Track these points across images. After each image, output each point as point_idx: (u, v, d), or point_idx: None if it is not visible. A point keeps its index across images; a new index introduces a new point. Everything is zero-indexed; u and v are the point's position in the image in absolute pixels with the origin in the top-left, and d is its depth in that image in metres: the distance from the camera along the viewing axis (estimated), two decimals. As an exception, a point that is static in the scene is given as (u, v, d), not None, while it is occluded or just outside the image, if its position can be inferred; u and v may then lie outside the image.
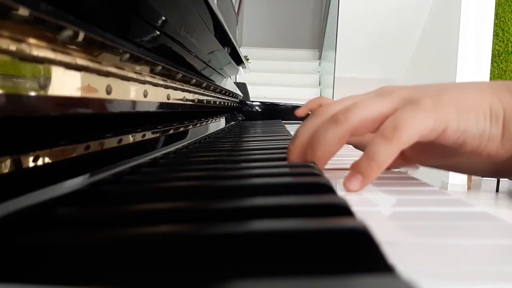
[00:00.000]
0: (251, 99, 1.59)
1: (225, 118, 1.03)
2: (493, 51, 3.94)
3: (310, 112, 0.61)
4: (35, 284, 0.14)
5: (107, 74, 0.29)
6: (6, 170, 0.19)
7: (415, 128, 0.29)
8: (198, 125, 0.65)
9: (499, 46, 4.13)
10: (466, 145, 0.31)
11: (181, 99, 0.53)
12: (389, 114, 0.31)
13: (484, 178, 4.13)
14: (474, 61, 3.73)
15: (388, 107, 0.31)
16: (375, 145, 0.29)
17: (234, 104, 1.22)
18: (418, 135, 0.29)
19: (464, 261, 0.16)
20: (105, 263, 0.15)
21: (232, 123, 1.11)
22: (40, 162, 0.22)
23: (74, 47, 0.24)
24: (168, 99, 0.46)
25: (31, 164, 0.21)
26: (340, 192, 0.28)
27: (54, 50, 0.22)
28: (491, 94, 0.31)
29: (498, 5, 3.99)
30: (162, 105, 0.44)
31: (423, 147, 0.34)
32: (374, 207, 0.26)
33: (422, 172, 0.44)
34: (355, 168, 0.30)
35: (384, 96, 0.32)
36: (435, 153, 0.38)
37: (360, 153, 0.44)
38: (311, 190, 0.24)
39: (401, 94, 0.32)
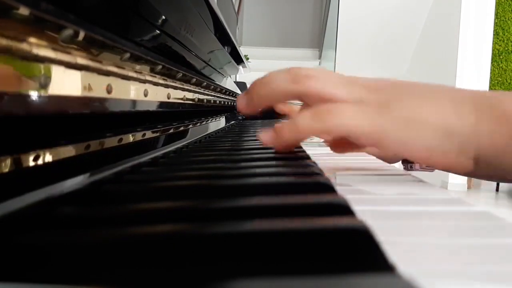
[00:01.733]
0: (251, 99, 1.58)
1: (225, 117, 1.03)
2: (493, 50, 3.94)
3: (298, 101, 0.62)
4: (36, 284, 0.14)
5: (108, 74, 0.29)
6: (6, 169, 0.19)
7: (345, 121, 0.29)
8: (198, 124, 0.65)
9: (499, 46, 4.13)
10: (411, 157, 0.31)
11: (181, 98, 0.53)
12: (335, 98, 0.31)
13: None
14: (474, 60, 3.73)
15: (340, 96, 0.31)
16: (303, 115, 0.30)
17: (234, 104, 1.22)
18: (347, 129, 0.29)
19: (464, 261, 0.16)
20: (106, 263, 0.15)
21: (232, 122, 1.11)
22: (40, 161, 0.22)
23: (74, 46, 0.24)
24: (169, 98, 0.46)
25: (32, 163, 0.21)
26: (339, 187, 0.28)
27: (54, 49, 0.22)
28: (451, 108, 0.30)
29: (498, 4, 3.99)
30: (162, 104, 0.44)
31: None
32: (375, 206, 0.26)
33: (423, 172, 0.44)
34: (276, 126, 0.32)
35: (345, 83, 0.32)
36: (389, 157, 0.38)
37: (367, 157, 0.45)
38: (311, 189, 0.24)
39: (357, 91, 0.32)
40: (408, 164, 0.53)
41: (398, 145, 0.30)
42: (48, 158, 0.23)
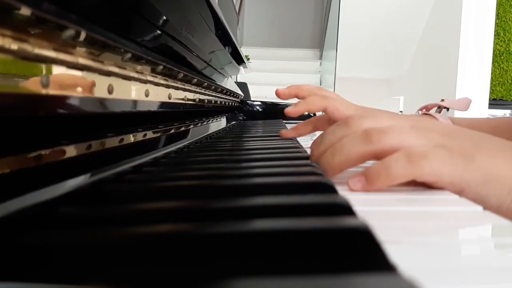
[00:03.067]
0: (252, 99, 1.59)
1: (226, 117, 1.03)
2: (494, 51, 3.93)
3: (296, 98, 0.58)
4: (38, 283, 0.14)
5: (109, 74, 0.29)
6: (8, 170, 0.19)
7: (440, 168, 0.28)
8: (199, 124, 0.65)
9: (500, 46, 4.13)
10: (485, 207, 0.30)
11: (182, 99, 0.53)
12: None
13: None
14: (475, 61, 3.73)
15: (422, 145, 0.30)
16: (395, 159, 0.29)
17: (235, 104, 1.22)
18: (438, 177, 0.28)
19: (465, 261, 0.16)
20: (107, 262, 0.15)
21: (233, 122, 1.11)
22: (42, 161, 0.22)
23: (76, 46, 0.24)
24: (170, 98, 0.46)
25: (33, 163, 0.21)
26: (340, 188, 0.28)
27: (56, 49, 0.22)
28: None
29: (499, 4, 3.99)
30: (163, 104, 0.44)
31: None
32: (376, 207, 0.26)
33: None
34: (365, 171, 0.29)
35: (422, 133, 0.31)
36: None
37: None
38: (313, 189, 0.24)
39: (437, 138, 0.31)
40: None
41: (475, 199, 0.29)
42: (50, 158, 0.23)
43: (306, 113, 0.53)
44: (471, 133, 0.33)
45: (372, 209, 0.25)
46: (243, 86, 1.67)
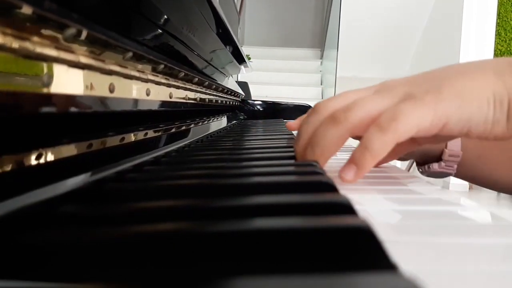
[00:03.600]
0: (252, 98, 1.59)
1: (227, 117, 1.03)
2: (495, 50, 3.93)
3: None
4: (38, 282, 0.14)
5: (110, 73, 0.29)
6: (9, 168, 0.19)
7: (413, 120, 0.29)
8: (200, 123, 0.65)
9: (501, 46, 4.12)
10: (471, 133, 0.31)
11: (183, 98, 0.53)
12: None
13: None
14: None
15: (388, 106, 0.31)
16: (370, 135, 0.29)
17: (236, 103, 1.22)
18: (416, 128, 0.29)
19: (466, 260, 0.16)
20: (108, 261, 0.15)
21: (234, 122, 1.11)
22: (42, 160, 0.22)
23: (77, 45, 0.24)
24: (170, 97, 0.46)
25: (34, 162, 0.21)
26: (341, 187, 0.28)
27: (57, 48, 0.22)
28: (495, 78, 0.30)
29: (500, 4, 3.98)
30: (164, 103, 0.44)
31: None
32: (377, 206, 0.26)
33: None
34: (351, 159, 0.30)
35: (384, 94, 0.32)
36: (443, 138, 0.37)
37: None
38: (314, 188, 0.24)
39: (401, 90, 0.31)
40: (425, 166, 0.52)
41: (462, 125, 0.30)
42: (50, 157, 0.23)
43: None
44: (436, 71, 0.34)
45: (372, 208, 0.25)
46: (244, 85, 1.67)
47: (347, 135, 0.32)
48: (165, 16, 0.46)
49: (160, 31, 0.45)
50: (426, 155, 0.52)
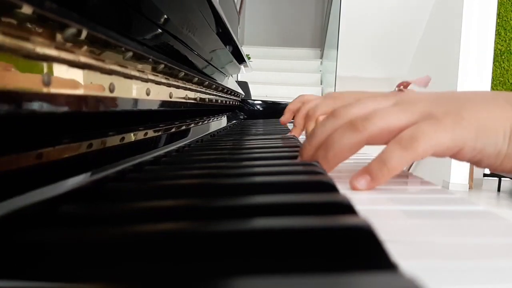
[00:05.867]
0: (252, 98, 1.59)
1: (227, 116, 1.03)
2: (495, 50, 3.93)
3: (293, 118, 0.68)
4: (39, 281, 0.14)
5: (110, 72, 0.29)
6: (10, 168, 0.19)
7: (432, 142, 0.29)
8: (200, 123, 0.65)
9: (501, 46, 4.12)
10: (481, 162, 0.31)
11: (183, 98, 0.53)
12: (408, 126, 0.31)
13: (485, 177, 4.12)
14: (476, 60, 3.73)
15: (408, 122, 0.31)
16: (390, 151, 0.29)
17: (236, 103, 1.22)
18: (433, 150, 0.29)
19: (466, 260, 0.16)
20: (109, 261, 0.15)
21: (234, 121, 1.11)
22: (43, 160, 0.22)
23: (77, 45, 0.24)
24: (171, 97, 0.46)
25: (35, 162, 0.21)
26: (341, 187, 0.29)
27: (57, 48, 0.22)
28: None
29: (500, 4, 3.99)
30: (164, 103, 0.44)
31: None
32: (377, 206, 0.26)
33: (424, 172, 0.44)
34: (366, 169, 0.30)
35: (405, 108, 0.32)
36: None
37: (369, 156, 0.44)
38: (314, 188, 0.24)
39: (422, 108, 0.31)
40: None
41: (474, 154, 0.30)
42: (51, 156, 0.23)
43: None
44: (454, 93, 0.34)
45: (372, 208, 0.25)
46: (244, 85, 1.68)
47: (363, 143, 0.32)
48: (165, 16, 0.46)
49: (160, 31, 0.45)
50: None
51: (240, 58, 1.09)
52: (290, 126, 1.00)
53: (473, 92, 0.34)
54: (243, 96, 1.36)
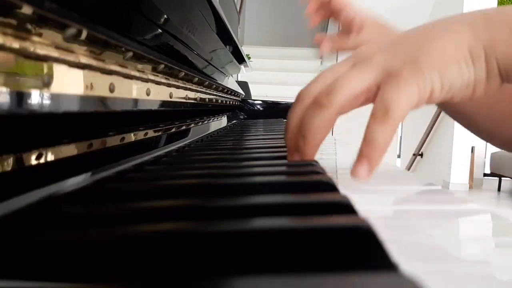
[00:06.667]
0: (252, 98, 1.59)
1: (227, 116, 1.03)
2: (495, 50, 3.93)
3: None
4: (39, 281, 0.14)
5: (110, 72, 0.29)
6: (10, 168, 0.19)
7: (404, 104, 0.29)
8: (200, 123, 0.65)
9: (502, 45, 4.11)
10: (455, 97, 0.31)
11: (183, 98, 0.53)
12: (371, 87, 0.30)
13: (485, 177, 4.12)
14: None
15: (370, 81, 0.31)
16: (371, 130, 0.29)
17: (236, 103, 1.22)
18: (407, 109, 0.29)
19: (466, 260, 0.16)
20: (109, 260, 0.15)
21: (234, 121, 1.11)
22: (43, 160, 0.22)
23: (77, 45, 0.24)
24: (171, 97, 0.46)
25: (35, 162, 0.21)
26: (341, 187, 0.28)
27: (57, 48, 0.22)
28: (469, 34, 0.30)
29: (500, 4, 3.98)
30: (164, 103, 0.44)
31: None
32: (377, 206, 0.26)
33: (424, 172, 0.44)
34: (359, 156, 0.30)
35: (363, 68, 0.31)
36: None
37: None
38: (314, 188, 0.24)
39: (380, 63, 0.31)
40: None
41: (445, 92, 0.30)
42: (51, 156, 0.23)
43: None
44: (408, 33, 0.33)
45: (373, 207, 0.25)
46: (244, 85, 1.68)
47: (335, 117, 0.32)
48: (165, 16, 0.46)
49: (160, 31, 0.45)
50: None
51: (240, 58, 1.09)
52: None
53: (428, 24, 0.33)
54: (243, 96, 1.36)
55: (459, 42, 0.30)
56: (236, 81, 1.50)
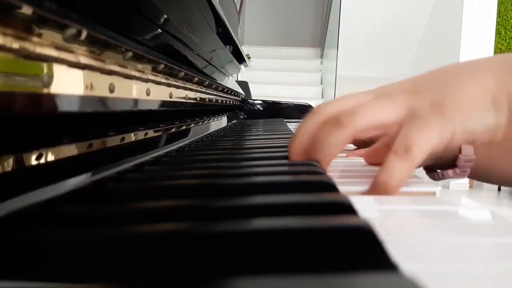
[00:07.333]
0: (252, 98, 1.59)
1: (227, 116, 1.03)
2: (495, 49, 3.93)
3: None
4: (40, 282, 0.14)
5: (110, 73, 0.29)
6: (10, 168, 0.19)
7: (425, 145, 0.29)
8: (200, 123, 0.65)
9: (501, 45, 4.12)
10: (476, 141, 0.31)
11: (183, 98, 0.53)
12: (392, 123, 0.31)
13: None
14: (476, 59, 3.72)
15: (393, 117, 0.31)
16: (391, 164, 0.29)
17: (236, 103, 1.22)
18: (429, 151, 0.29)
19: (466, 260, 0.16)
20: (109, 260, 0.15)
21: (234, 121, 1.11)
22: (43, 160, 0.22)
23: (77, 45, 0.24)
24: (171, 97, 0.46)
25: (35, 162, 0.21)
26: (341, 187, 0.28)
27: (57, 48, 0.22)
28: (493, 81, 0.31)
29: (500, 3, 3.98)
30: (164, 103, 0.44)
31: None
32: (377, 206, 0.26)
33: (424, 172, 0.43)
34: (373, 186, 0.29)
35: (387, 102, 0.32)
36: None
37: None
38: (314, 188, 0.24)
39: (404, 102, 0.31)
40: (438, 173, 0.51)
41: (467, 136, 0.30)
42: (51, 157, 0.23)
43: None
44: (431, 76, 0.34)
45: (373, 207, 0.25)
46: (244, 85, 1.68)
47: (351, 139, 0.31)
48: (165, 16, 0.46)
49: (160, 30, 0.45)
50: (437, 160, 0.50)
51: (240, 58, 1.09)
52: (289, 126, 1.00)
53: (450, 67, 0.34)
54: (243, 96, 1.36)
55: (482, 89, 0.30)
56: (236, 81, 1.51)
